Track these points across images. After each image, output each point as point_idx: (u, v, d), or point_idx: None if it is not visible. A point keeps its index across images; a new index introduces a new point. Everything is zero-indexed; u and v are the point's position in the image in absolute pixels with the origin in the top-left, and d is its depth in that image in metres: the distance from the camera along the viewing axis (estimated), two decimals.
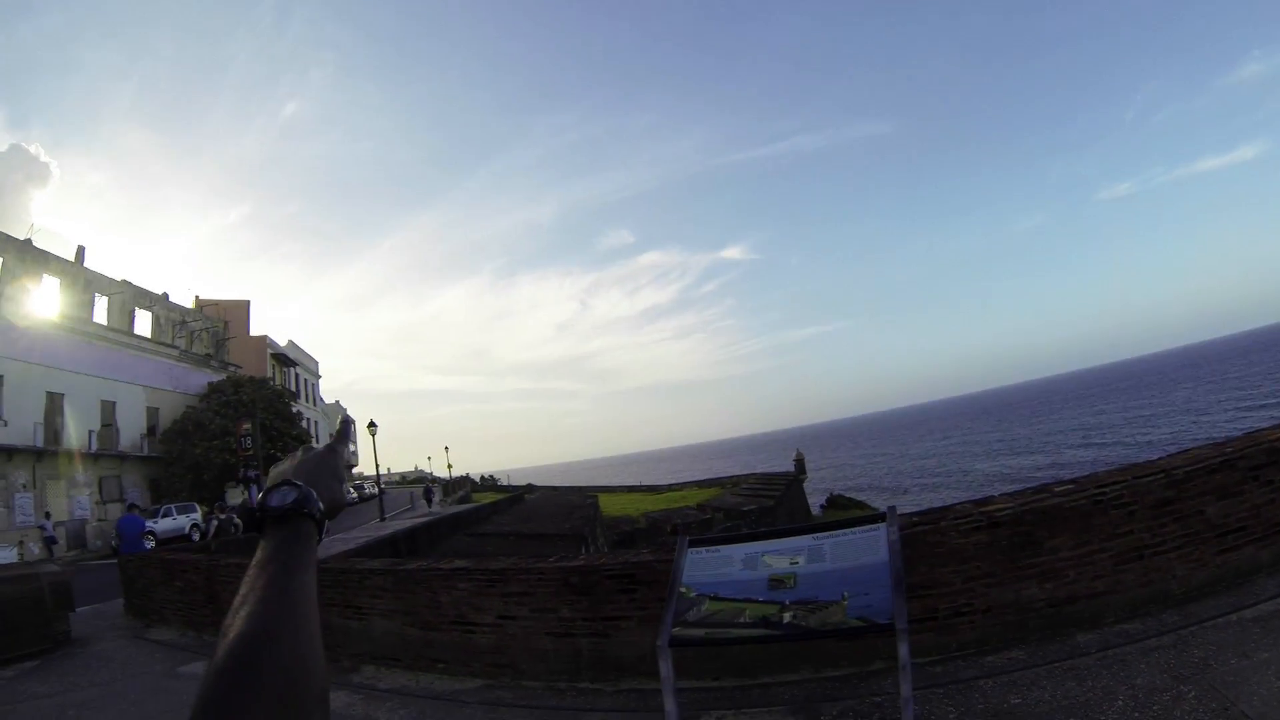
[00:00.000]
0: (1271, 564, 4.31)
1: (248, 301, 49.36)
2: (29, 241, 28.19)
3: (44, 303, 28.13)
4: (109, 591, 11.37)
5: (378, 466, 35.05)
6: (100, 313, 31.85)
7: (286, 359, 51.27)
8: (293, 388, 51.05)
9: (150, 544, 23.06)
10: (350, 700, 5.81)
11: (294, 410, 39.36)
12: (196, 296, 44.26)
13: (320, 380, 62.86)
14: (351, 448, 79.54)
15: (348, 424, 37.26)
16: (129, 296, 33.87)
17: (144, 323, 34.99)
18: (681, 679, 4.71)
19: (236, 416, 30.37)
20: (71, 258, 30.88)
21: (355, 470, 78.51)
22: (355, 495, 49.39)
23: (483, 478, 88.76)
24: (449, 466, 70.09)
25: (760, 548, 3.90)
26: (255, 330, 49.74)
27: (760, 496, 35.27)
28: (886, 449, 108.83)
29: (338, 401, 78.94)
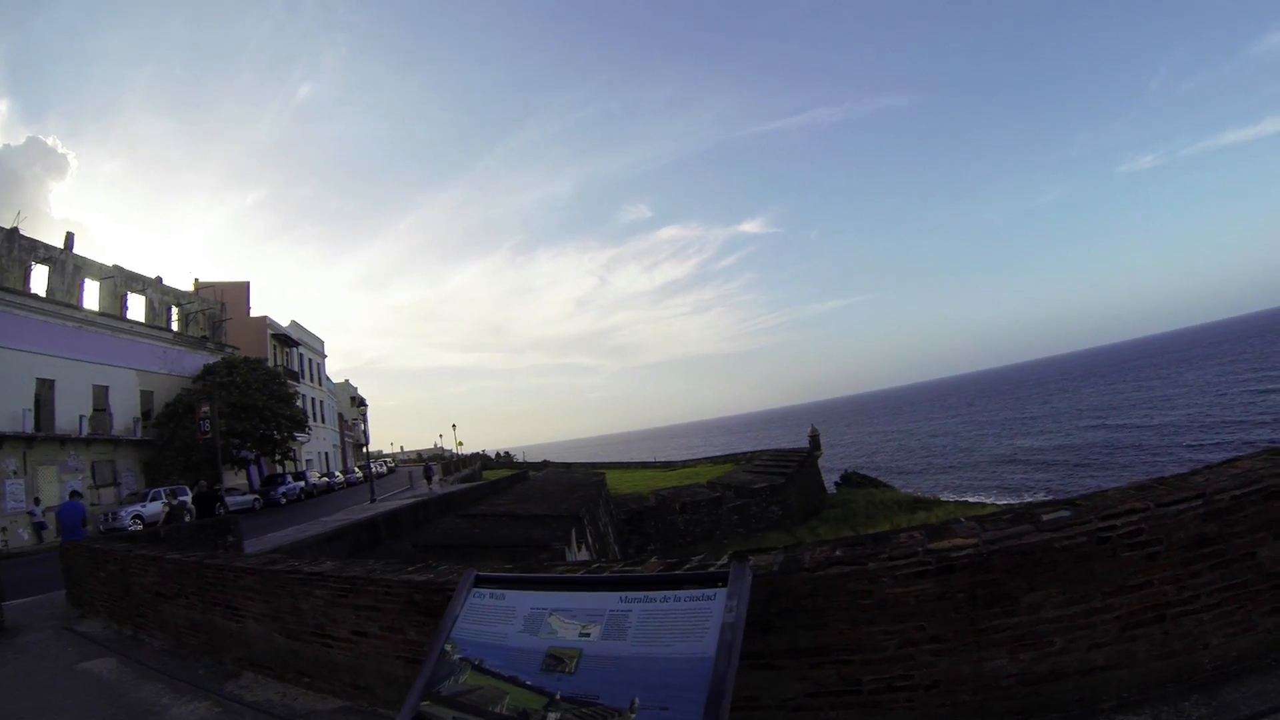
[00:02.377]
0: None
1: (247, 283, 49.41)
2: (15, 230, 28.13)
3: (32, 290, 28.12)
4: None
5: (367, 445, 35.02)
6: (91, 298, 31.84)
7: (288, 339, 51.28)
8: (295, 368, 51.14)
9: (137, 527, 23.19)
10: (208, 715, 5.40)
11: (293, 390, 39.27)
12: (196, 279, 44.33)
13: (326, 360, 62.96)
14: (362, 426, 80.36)
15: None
16: (120, 281, 33.81)
17: (138, 307, 34.99)
18: None
19: (229, 399, 30.26)
20: (61, 245, 30.83)
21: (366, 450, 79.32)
22: (359, 475, 49.83)
23: (497, 454, 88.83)
24: (458, 444, 70.58)
25: (552, 601, 2.93)
26: (261, 311, 49.94)
27: (772, 473, 34.78)
28: (900, 426, 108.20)
29: (347, 381, 79.24)
